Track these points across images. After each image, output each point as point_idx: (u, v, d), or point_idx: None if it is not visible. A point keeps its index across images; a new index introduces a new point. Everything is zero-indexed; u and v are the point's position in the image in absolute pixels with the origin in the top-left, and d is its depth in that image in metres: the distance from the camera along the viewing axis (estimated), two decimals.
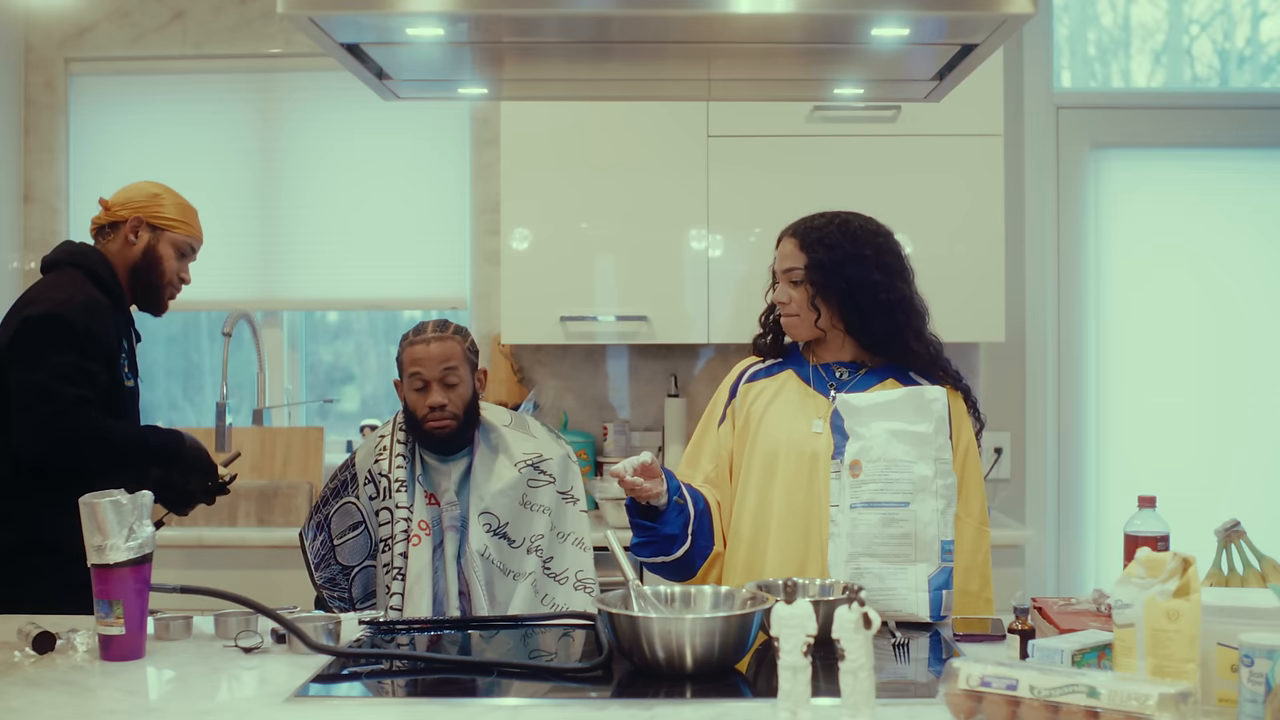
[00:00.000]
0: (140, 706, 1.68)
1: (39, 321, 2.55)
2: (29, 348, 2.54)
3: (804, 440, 2.35)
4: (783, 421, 2.39)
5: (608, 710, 1.65)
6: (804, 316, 2.39)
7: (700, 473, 2.48)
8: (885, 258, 2.39)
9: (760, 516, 2.37)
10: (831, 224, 2.40)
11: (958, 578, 2.25)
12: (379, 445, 2.76)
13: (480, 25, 2.11)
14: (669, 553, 2.33)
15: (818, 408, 2.38)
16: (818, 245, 2.38)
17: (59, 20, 4.04)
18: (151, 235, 2.75)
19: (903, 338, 2.38)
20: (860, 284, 2.35)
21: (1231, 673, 1.52)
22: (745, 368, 2.53)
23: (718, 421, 2.49)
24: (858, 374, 2.41)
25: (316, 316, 4.33)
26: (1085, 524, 4.06)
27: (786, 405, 2.41)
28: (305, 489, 3.76)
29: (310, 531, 2.77)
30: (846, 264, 2.35)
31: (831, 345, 2.42)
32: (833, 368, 2.42)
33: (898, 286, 2.39)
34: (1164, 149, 4.07)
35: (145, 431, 2.72)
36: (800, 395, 2.41)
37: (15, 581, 2.52)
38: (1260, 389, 4.05)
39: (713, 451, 2.48)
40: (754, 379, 2.49)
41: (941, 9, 1.98)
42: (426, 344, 2.70)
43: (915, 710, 1.64)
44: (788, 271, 2.40)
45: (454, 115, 4.04)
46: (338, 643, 1.99)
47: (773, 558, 2.33)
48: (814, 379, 2.42)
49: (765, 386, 2.46)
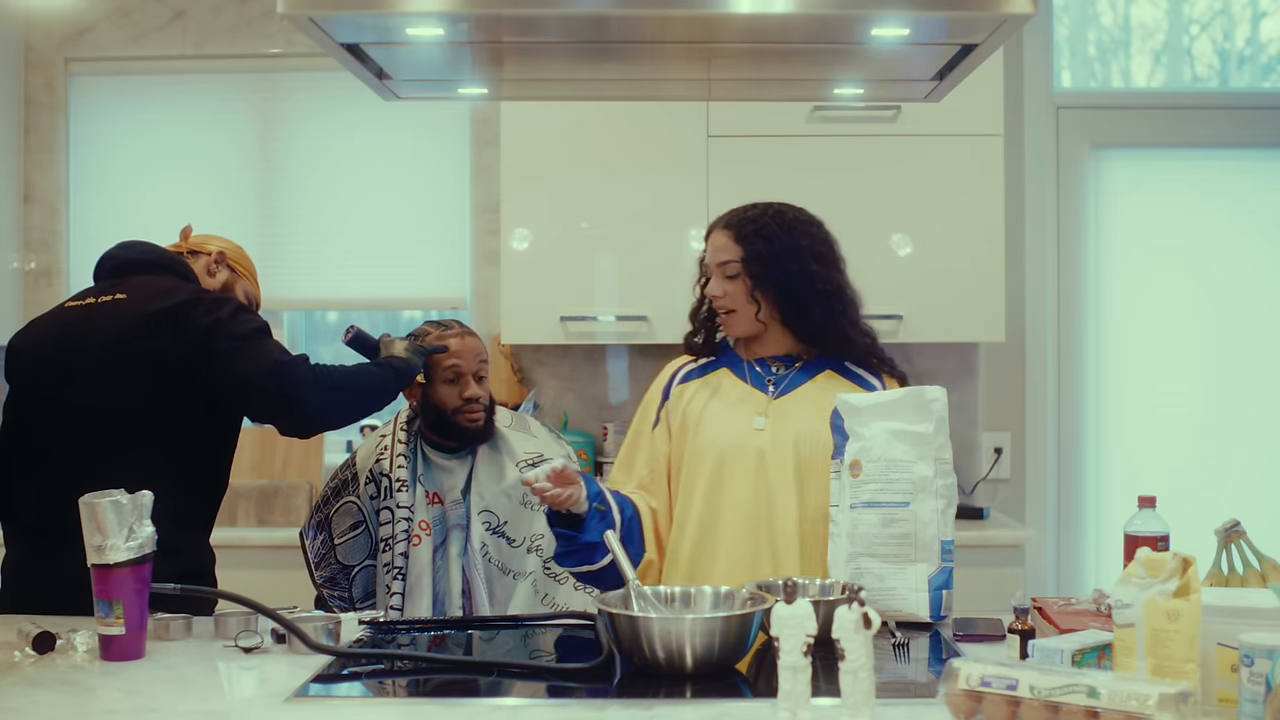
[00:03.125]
0: (140, 706, 1.68)
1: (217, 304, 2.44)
2: (235, 337, 2.40)
3: (747, 438, 2.32)
4: (723, 421, 2.35)
5: (608, 710, 1.65)
6: (743, 311, 2.35)
7: (634, 478, 2.43)
8: (820, 248, 2.36)
9: (707, 518, 2.32)
10: (765, 215, 2.36)
11: None
12: (380, 444, 2.77)
13: (480, 25, 2.11)
14: (592, 561, 2.25)
15: (756, 404, 2.35)
16: (754, 237, 2.33)
17: (59, 20, 4.04)
18: (230, 275, 2.70)
19: (840, 328, 2.36)
20: (799, 275, 2.32)
21: (1231, 673, 1.52)
22: (676, 369, 2.48)
23: (651, 425, 2.44)
24: (793, 367, 2.38)
25: (316, 316, 4.33)
26: (1085, 524, 4.06)
27: (724, 404, 2.37)
28: (305, 489, 3.76)
29: (311, 530, 2.77)
30: (784, 255, 2.32)
31: (766, 339, 2.39)
32: (768, 362, 2.39)
33: (834, 276, 2.36)
34: (1164, 149, 4.07)
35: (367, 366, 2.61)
36: (737, 393, 2.37)
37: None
38: (1260, 389, 4.05)
39: (647, 456, 2.43)
40: (687, 380, 2.44)
41: (941, 9, 1.98)
42: (460, 337, 2.71)
43: (915, 710, 1.64)
44: (722, 265, 2.35)
45: (454, 115, 4.04)
46: (338, 643, 1.99)
47: (722, 559, 2.29)
48: (749, 375, 2.39)
49: (700, 387, 2.41)
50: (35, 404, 2.45)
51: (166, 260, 2.59)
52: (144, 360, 2.38)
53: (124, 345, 2.39)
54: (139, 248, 2.61)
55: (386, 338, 2.68)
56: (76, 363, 2.41)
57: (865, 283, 3.66)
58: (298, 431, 2.49)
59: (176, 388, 2.38)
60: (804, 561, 2.29)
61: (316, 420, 2.47)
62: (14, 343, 2.54)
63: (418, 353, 2.65)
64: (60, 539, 2.20)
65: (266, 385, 2.37)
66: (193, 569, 2.37)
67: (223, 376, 2.37)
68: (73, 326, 2.46)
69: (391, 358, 2.62)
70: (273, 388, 2.37)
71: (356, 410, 2.54)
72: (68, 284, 4.05)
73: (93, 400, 2.39)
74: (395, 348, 2.64)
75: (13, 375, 2.52)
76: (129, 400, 2.38)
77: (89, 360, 2.40)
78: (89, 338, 2.42)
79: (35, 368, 2.47)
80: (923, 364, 3.95)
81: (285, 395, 2.38)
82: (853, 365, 2.38)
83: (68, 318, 2.50)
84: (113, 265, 2.58)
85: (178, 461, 2.40)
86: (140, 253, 2.59)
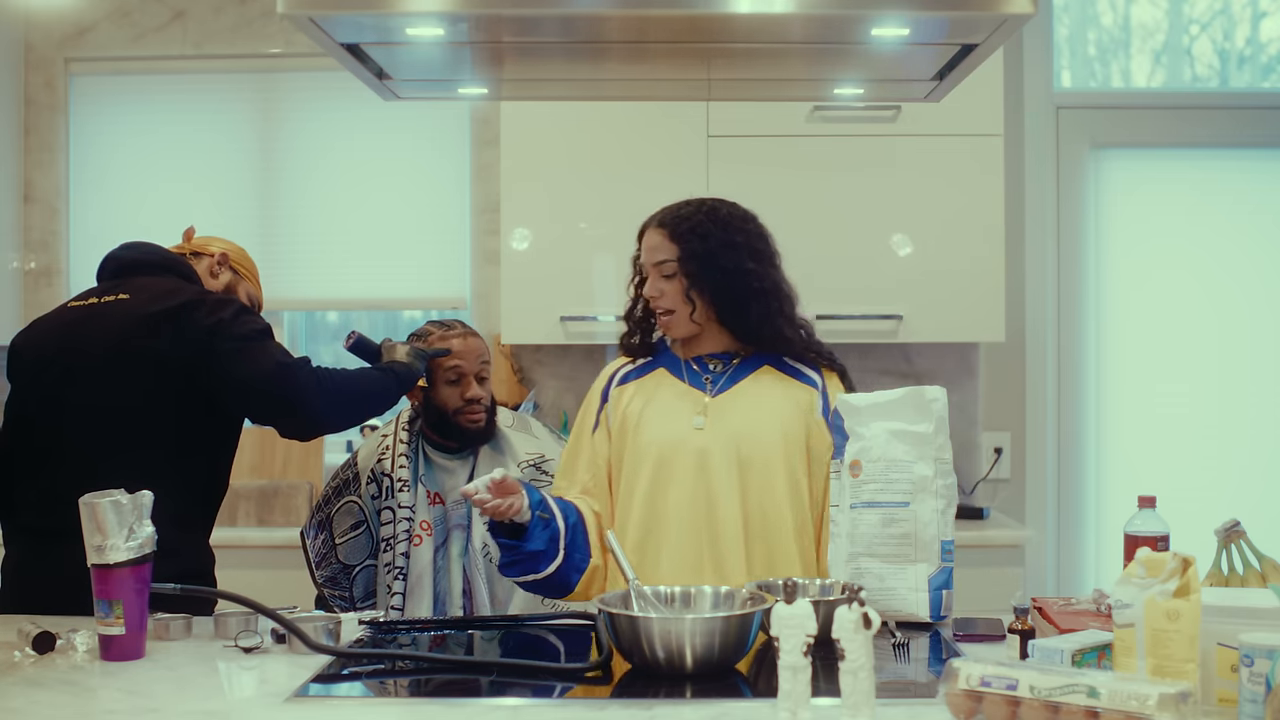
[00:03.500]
0: (140, 706, 1.68)
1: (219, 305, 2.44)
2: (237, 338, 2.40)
3: (688, 438, 2.29)
4: (661, 422, 2.32)
5: (608, 710, 1.65)
6: (680, 311, 2.31)
7: (577, 484, 2.40)
8: (756, 244, 2.33)
9: (648, 520, 2.28)
10: (700, 212, 2.32)
11: None
12: (382, 444, 2.77)
13: (480, 25, 2.11)
14: (538, 570, 2.22)
15: (695, 403, 2.32)
16: (689, 235, 2.29)
17: (59, 20, 4.04)
18: (232, 277, 2.71)
19: (776, 325, 2.33)
20: (735, 272, 2.29)
21: (1231, 673, 1.52)
22: (614, 371, 2.44)
23: (591, 429, 2.41)
24: (731, 364, 2.35)
25: (316, 316, 4.33)
26: (1085, 524, 4.06)
27: (663, 405, 2.34)
28: (305, 489, 3.76)
29: (312, 530, 2.77)
30: (720, 252, 2.28)
31: (703, 338, 2.36)
32: (705, 360, 2.36)
33: (770, 274, 2.33)
34: (1164, 149, 4.07)
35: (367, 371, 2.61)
36: (676, 393, 2.34)
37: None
38: (1260, 389, 4.05)
39: (588, 460, 2.40)
40: (625, 381, 2.41)
41: (941, 9, 1.98)
42: (463, 338, 2.71)
43: (915, 710, 1.64)
44: (659, 264, 2.31)
45: (454, 115, 4.03)
46: (338, 643, 1.99)
47: (665, 561, 2.25)
48: (687, 374, 2.36)
49: (638, 389, 2.38)
50: (36, 404, 2.45)
51: (169, 261, 2.59)
52: (145, 361, 2.38)
53: (125, 345, 2.39)
54: (142, 249, 2.61)
55: (388, 342, 2.68)
56: (78, 362, 2.41)
57: (865, 283, 3.71)
58: (298, 434, 2.49)
59: (177, 388, 2.38)
60: (749, 561, 2.26)
61: (318, 423, 2.48)
62: (16, 342, 2.55)
63: (419, 356, 2.64)
64: (60, 539, 2.20)
65: (269, 387, 2.37)
66: (193, 569, 2.36)
67: (224, 378, 2.37)
68: (75, 326, 2.47)
69: (394, 362, 2.62)
70: (275, 390, 2.37)
71: (357, 414, 2.54)
72: (68, 284, 4.05)
73: (94, 400, 2.39)
74: (397, 352, 2.64)
75: (14, 375, 2.52)
76: (130, 400, 2.38)
77: (90, 360, 2.40)
78: (91, 338, 2.42)
79: (37, 367, 2.47)
80: (923, 364, 3.95)
81: (287, 398, 2.38)
82: (791, 361, 2.35)
83: (70, 318, 2.50)
84: (116, 266, 2.58)
85: (178, 462, 2.40)
86: (143, 254, 2.59)
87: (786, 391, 2.34)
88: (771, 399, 2.31)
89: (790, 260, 2.32)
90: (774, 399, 2.32)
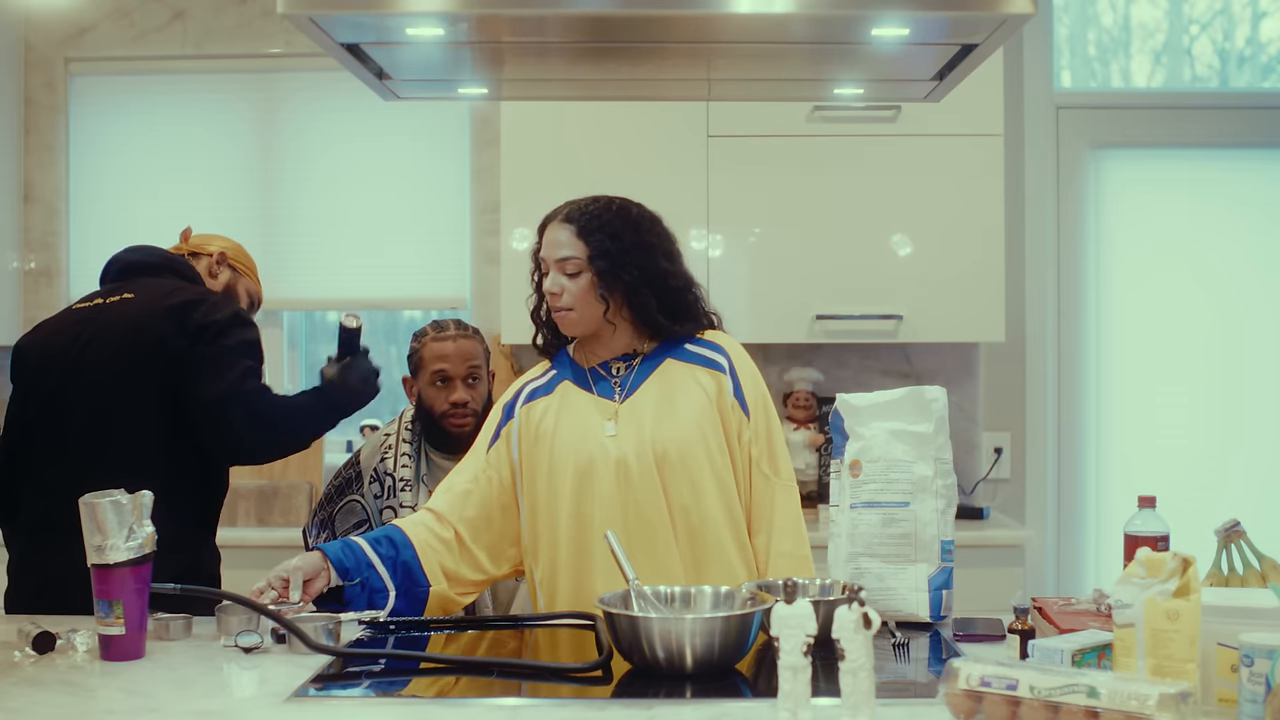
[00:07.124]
0: (140, 706, 1.68)
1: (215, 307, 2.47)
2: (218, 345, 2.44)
3: (604, 448, 2.23)
4: (575, 435, 2.25)
5: (608, 710, 1.65)
6: (586, 310, 2.24)
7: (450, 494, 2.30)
8: (667, 245, 2.31)
9: (579, 537, 2.22)
10: (609, 210, 2.27)
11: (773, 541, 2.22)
12: (384, 444, 2.77)
13: (480, 25, 2.11)
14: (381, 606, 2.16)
15: (604, 411, 2.27)
16: (599, 233, 2.23)
17: (59, 20, 4.04)
18: (232, 275, 2.71)
19: (695, 316, 2.32)
20: (652, 272, 2.25)
21: (1231, 673, 1.52)
22: (520, 388, 2.37)
23: (488, 444, 2.33)
24: (634, 365, 2.30)
25: (316, 316, 4.33)
26: (1085, 524, 4.06)
27: (574, 418, 2.27)
28: (305, 489, 3.76)
29: (314, 529, 2.77)
30: (634, 251, 2.24)
31: (605, 339, 2.30)
32: (609, 364, 2.31)
33: (683, 272, 2.32)
34: (1164, 149, 4.07)
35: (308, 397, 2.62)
36: (585, 403, 2.28)
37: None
38: (1260, 389, 4.05)
39: (473, 475, 2.31)
40: (533, 399, 2.32)
41: (941, 9, 1.98)
42: (453, 340, 2.70)
43: (915, 710, 1.64)
44: (562, 261, 2.23)
45: (454, 115, 4.03)
46: (338, 643, 1.99)
47: (599, 575, 2.19)
48: (593, 383, 2.30)
49: (547, 404, 2.31)
50: (38, 404, 2.46)
51: (171, 262, 2.61)
52: (146, 361, 2.39)
53: (128, 346, 2.40)
54: (145, 251, 2.64)
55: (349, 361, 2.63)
56: (80, 363, 2.42)
57: (865, 283, 3.71)
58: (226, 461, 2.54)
59: (179, 387, 2.39)
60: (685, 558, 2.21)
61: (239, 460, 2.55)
62: (21, 344, 2.57)
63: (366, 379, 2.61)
64: (60, 539, 2.20)
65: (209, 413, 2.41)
66: (196, 568, 2.37)
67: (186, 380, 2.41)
68: (78, 328, 2.48)
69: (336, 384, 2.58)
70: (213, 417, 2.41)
71: (287, 447, 2.57)
72: (68, 284, 4.05)
73: (95, 400, 2.40)
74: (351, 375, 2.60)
75: (17, 376, 2.53)
76: (130, 400, 2.39)
77: (92, 360, 2.41)
78: (94, 338, 2.43)
79: (40, 368, 2.48)
80: (923, 364, 3.95)
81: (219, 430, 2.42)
82: (690, 346, 2.31)
83: (74, 319, 2.51)
84: (119, 268, 2.60)
85: (179, 462, 2.40)
86: (146, 255, 2.62)
87: (695, 380, 2.28)
88: (680, 392, 2.26)
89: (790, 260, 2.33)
90: (683, 391, 2.27)
